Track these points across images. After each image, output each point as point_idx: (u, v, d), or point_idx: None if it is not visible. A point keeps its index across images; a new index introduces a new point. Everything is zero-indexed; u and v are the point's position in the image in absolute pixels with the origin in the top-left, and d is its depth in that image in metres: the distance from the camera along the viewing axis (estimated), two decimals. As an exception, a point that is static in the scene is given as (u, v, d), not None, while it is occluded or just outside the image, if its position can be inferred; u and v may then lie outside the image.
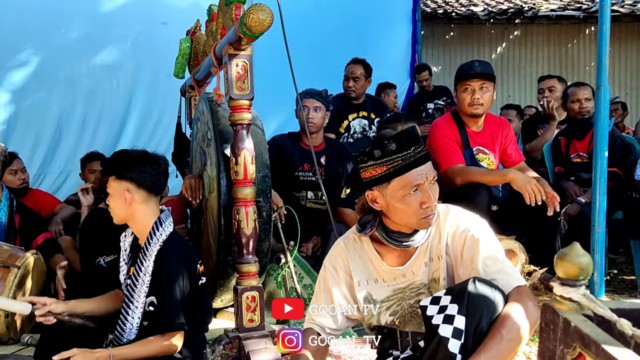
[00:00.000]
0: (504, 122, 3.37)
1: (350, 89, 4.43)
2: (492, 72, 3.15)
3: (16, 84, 4.63)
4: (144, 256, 2.07)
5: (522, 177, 2.89)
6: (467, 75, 3.12)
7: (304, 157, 3.50)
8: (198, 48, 3.17)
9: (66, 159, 4.70)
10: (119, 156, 2.18)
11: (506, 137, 3.30)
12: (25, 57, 4.65)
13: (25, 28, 4.57)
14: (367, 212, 1.69)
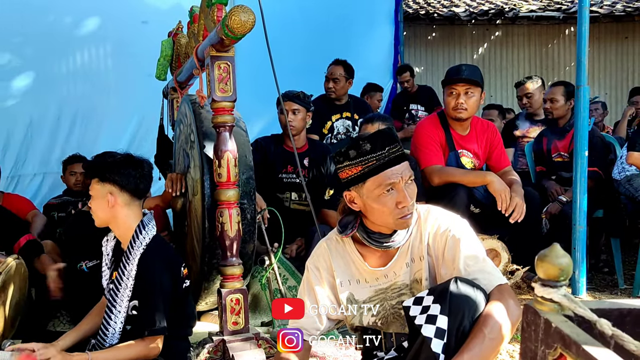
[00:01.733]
0: (491, 127, 3.39)
1: (330, 90, 4.44)
2: (479, 77, 3.17)
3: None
4: (127, 260, 2.05)
5: (499, 182, 2.93)
6: (452, 80, 3.14)
7: (287, 159, 3.50)
8: (180, 49, 3.15)
9: (40, 161, 4.61)
10: (102, 158, 2.15)
11: (492, 141, 3.32)
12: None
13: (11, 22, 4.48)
14: (347, 213, 1.70)
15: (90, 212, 2.13)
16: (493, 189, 2.92)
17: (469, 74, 3.11)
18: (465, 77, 3.09)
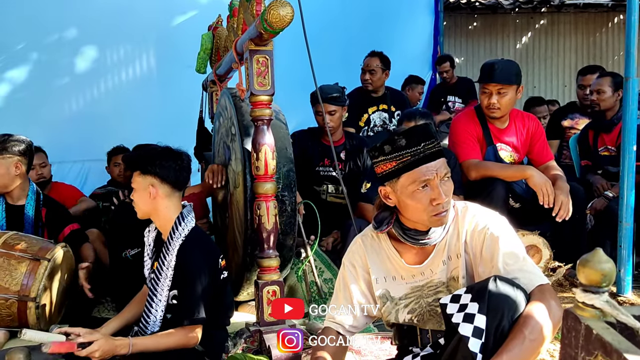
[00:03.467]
0: (532, 119, 3.30)
1: (366, 81, 4.41)
2: (514, 74, 3.07)
3: (36, 73, 4.69)
4: (167, 250, 2.11)
5: (539, 175, 2.85)
6: (484, 80, 3.08)
7: (324, 153, 3.51)
8: (219, 43, 3.19)
9: (87, 152, 4.76)
10: (142, 151, 2.20)
11: (534, 134, 3.23)
12: (46, 45, 4.71)
13: (47, 17, 4.62)
14: (383, 208, 1.69)
15: (133, 204, 2.18)
16: (533, 183, 2.85)
17: (500, 75, 3.02)
18: (497, 79, 3.02)
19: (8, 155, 2.86)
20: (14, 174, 2.89)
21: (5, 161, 2.86)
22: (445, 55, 6.15)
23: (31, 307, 2.48)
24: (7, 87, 4.62)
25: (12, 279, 2.48)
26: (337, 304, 1.76)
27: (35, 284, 2.49)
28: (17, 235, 2.68)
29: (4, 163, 2.86)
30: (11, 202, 2.97)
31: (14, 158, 2.88)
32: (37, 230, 2.97)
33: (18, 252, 2.54)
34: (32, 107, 4.64)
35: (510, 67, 3.12)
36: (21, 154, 2.90)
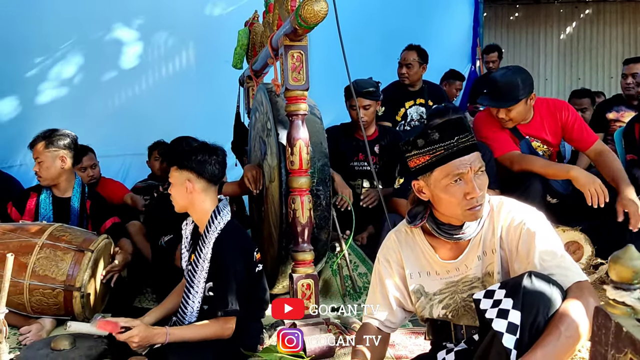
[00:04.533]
0: (559, 105, 3.14)
1: (403, 75, 4.37)
2: (515, 93, 2.92)
3: (82, 69, 4.83)
4: (203, 243, 2.16)
5: (585, 176, 2.73)
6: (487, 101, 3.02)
7: (358, 148, 3.52)
8: (255, 39, 3.23)
9: (129, 146, 4.89)
10: (179, 146, 2.25)
11: (565, 120, 3.09)
12: (92, 42, 4.85)
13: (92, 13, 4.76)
14: (417, 203, 1.68)
15: (171, 197, 2.24)
16: (580, 185, 2.72)
17: (500, 99, 2.94)
18: (497, 105, 2.95)
19: (54, 149, 2.99)
20: (59, 167, 3.01)
21: (52, 154, 2.98)
22: (492, 45, 6.03)
23: (76, 296, 2.58)
24: (55, 83, 4.78)
25: (58, 269, 2.59)
26: (374, 300, 1.77)
27: (80, 274, 2.59)
28: (62, 227, 2.78)
29: (50, 156, 2.98)
30: (58, 195, 3.09)
31: (59, 151, 3.00)
32: (82, 222, 3.08)
33: (63, 244, 2.65)
34: (77, 102, 4.79)
35: (511, 85, 2.94)
36: (66, 147, 3.02)
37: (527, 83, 2.97)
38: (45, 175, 3.00)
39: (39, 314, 2.61)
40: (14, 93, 4.68)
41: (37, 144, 3.00)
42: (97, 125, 4.63)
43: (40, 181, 3.04)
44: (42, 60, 4.71)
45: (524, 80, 2.97)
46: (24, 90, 4.71)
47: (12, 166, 4.67)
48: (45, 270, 2.57)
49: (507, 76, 3.00)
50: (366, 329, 1.74)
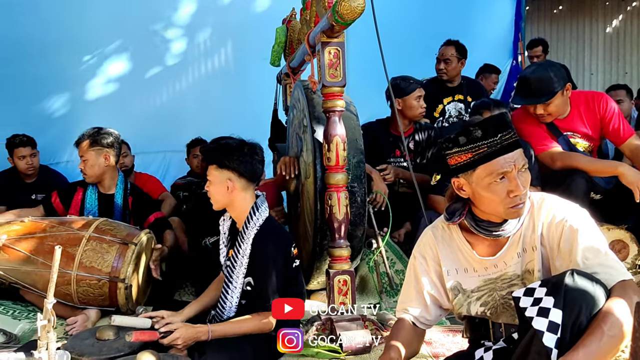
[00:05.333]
0: (597, 97, 3.06)
1: (441, 71, 4.31)
2: (551, 87, 2.88)
3: (127, 66, 4.97)
4: (242, 239, 2.19)
5: (633, 173, 2.65)
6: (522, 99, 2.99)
7: (395, 144, 3.50)
8: (293, 36, 3.25)
9: (168, 143, 4.99)
10: (218, 145, 2.26)
11: (603, 112, 2.99)
12: (129, 41, 4.98)
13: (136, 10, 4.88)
14: (455, 200, 1.66)
15: (209, 195, 2.26)
16: (627, 182, 2.65)
17: (536, 95, 2.89)
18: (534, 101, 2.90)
19: (98, 148, 3.09)
20: (104, 165, 3.11)
21: (97, 153, 3.09)
22: (537, 39, 5.89)
23: (121, 287, 2.66)
24: (102, 80, 4.93)
25: (103, 261, 2.68)
26: (409, 296, 1.76)
27: (124, 267, 2.67)
28: (107, 221, 2.88)
29: (95, 154, 3.09)
30: (103, 191, 3.20)
31: (103, 150, 3.10)
32: (125, 217, 3.18)
33: (109, 237, 2.73)
34: (123, 99, 4.94)
35: (544, 79, 2.90)
36: (110, 145, 3.13)
37: (559, 75, 2.92)
38: (90, 172, 3.11)
39: (85, 304, 2.71)
40: (63, 91, 4.87)
41: (82, 142, 3.11)
42: (139, 121, 4.75)
43: (85, 178, 3.15)
44: (90, 59, 4.87)
45: (556, 72, 2.92)
46: (73, 87, 4.89)
47: (59, 162, 4.85)
48: (92, 261, 2.66)
49: (538, 72, 2.96)
50: (401, 324, 1.74)
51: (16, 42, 4.55)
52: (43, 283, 2.66)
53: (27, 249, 2.69)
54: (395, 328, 1.74)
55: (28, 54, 4.60)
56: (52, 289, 1.75)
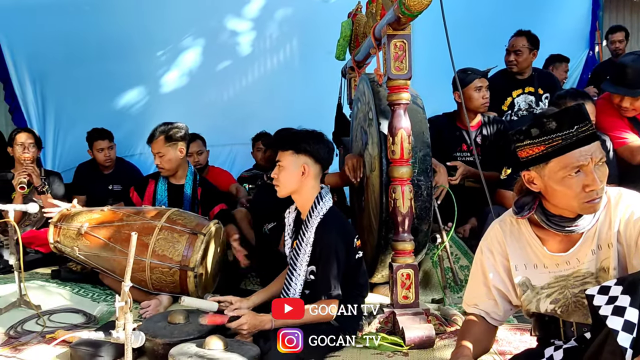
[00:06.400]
0: None
1: (511, 63, 4.17)
2: None
3: (199, 60, 5.12)
4: (306, 228, 2.23)
5: None
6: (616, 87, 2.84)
7: (461, 138, 3.43)
8: (358, 30, 3.25)
9: (235, 136, 5.10)
10: (296, 132, 2.33)
11: None
12: (201, 35, 5.11)
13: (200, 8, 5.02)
14: (525, 193, 1.61)
15: (275, 182, 2.30)
16: None
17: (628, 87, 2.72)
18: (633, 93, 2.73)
19: (173, 142, 3.24)
20: (179, 158, 3.27)
21: (172, 148, 3.24)
22: (618, 26, 5.61)
23: (190, 275, 2.77)
24: (175, 74, 5.13)
25: (174, 250, 2.80)
26: (477, 291, 1.73)
27: (193, 255, 2.78)
28: (178, 211, 3.00)
29: (171, 149, 3.24)
30: (173, 182, 3.34)
31: (177, 144, 3.25)
32: (194, 208, 3.31)
33: (179, 227, 2.85)
34: (194, 92, 5.11)
35: None
36: (183, 138, 3.28)
37: None
38: (168, 166, 3.26)
39: (158, 290, 2.84)
40: (139, 86, 5.10)
41: (156, 139, 3.25)
42: (209, 114, 4.91)
43: (162, 172, 3.31)
44: (163, 54, 5.07)
45: None
46: (147, 82, 5.11)
47: (133, 155, 5.10)
48: (164, 250, 2.79)
49: (638, 63, 2.80)
50: (472, 320, 1.72)
51: (98, 42, 4.81)
52: (120, 269, 2.82)
53: (105, 236, 2.86)
54: (467, 324, 1.72)
55: (108, 52, 4.84)
56: (128, 272, 1.85)
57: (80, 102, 4.97)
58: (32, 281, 3.05)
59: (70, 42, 4.80)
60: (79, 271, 3.20)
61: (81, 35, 4.80)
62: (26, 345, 2.30)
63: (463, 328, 1.72)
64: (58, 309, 2.72)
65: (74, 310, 2.71)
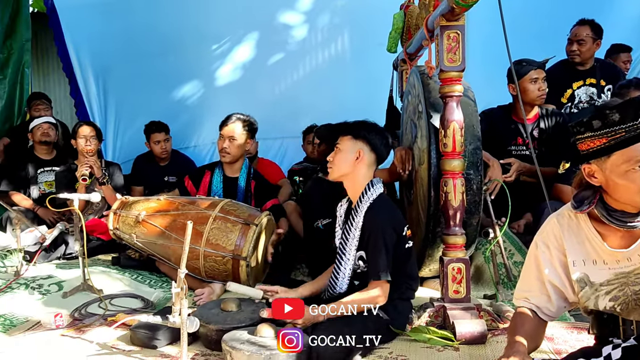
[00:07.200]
0: None
1: (573, 53, 4.00)
2: None
3: (247, 55, 5.21)
4: (356, 213, 2.26)
5: None
6: None
7: (517, 131, 3.34)
8: (411, 22, 3.21)
9: (286, 129, 5.17)
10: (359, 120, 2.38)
11: None
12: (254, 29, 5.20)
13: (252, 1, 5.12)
14: (584, 187, 1.56)
15: (329, 164, 2.35)
16: None
17: None
18: None
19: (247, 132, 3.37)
20: (244, 149, 3.41)
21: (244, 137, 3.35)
22: None
23: (242, 265, 2.84)
24: (230, 67, 5.23)
25: (228, 239, 2.87)
26: (529, 285, 1.69)
27: (246, 245, 2.85)
28: (231, 202, 3.08)
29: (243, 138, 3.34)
30: (228, 174, 3.43)
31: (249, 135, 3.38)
32: (247, 200, 3.37)
33: (232, 217, 2.92)
34: (247, 86, 5.19)
35: None
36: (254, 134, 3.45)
37: None
38: (234, 153, 3.35)
39: (211, 278, 2.93)
40: (194, 79, 5.24)
41: (233, 122, 3.35)
42: (261, 107, 4.95)
43: (224, 158, 3.37)
44: (217, 48, 5.18)
45: None
46: (203, 76, 5.24)
47: (187, 147, 5.25)
48: (217, 239, 2.87)
49: None
50: (522, 314, 1.68)
51: (156, 38, 4.98)
52: (175, 256, 2.92)
53: (162, 225, 2.96)
54: (517, 318, 1.68)
55: (166, 48, 5.00)
56: (184, 259, 1.92)
57: (139, 96, 5.16)
58: (94, 267, 3.21)
59: (130, 39, 4.99)
60: (137, 258, 3.35)
61: (140, 32, 4.98)
62: (89, 326, 2.42)
63: (514, 322, 1.69)
64: (119, 293, 2.85)
65: (133, 296, 2.83)
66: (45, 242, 3.28)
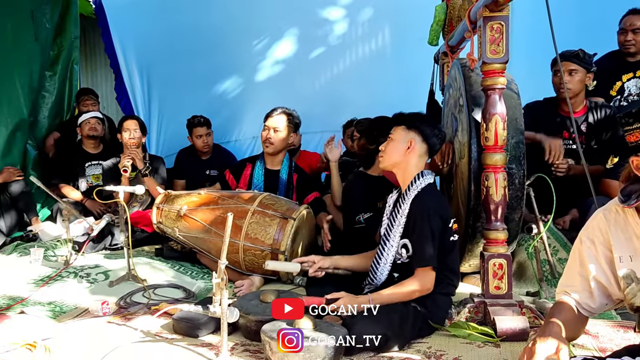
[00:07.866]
0: None
1: (628, 42, 3.83)
2: None
3: (288, 50, 5.24)
4: (403, 200, 2.27)
5: None
6: None
7: (563, 125, 3.24)
8: (453, 14, 3.16)
9: (325, 123, 5.13)
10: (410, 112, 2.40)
11: None
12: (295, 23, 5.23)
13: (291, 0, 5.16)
14: (633, 181, 1.51)
15: (381, 153, 2.37)
16: None
17: None
18: None
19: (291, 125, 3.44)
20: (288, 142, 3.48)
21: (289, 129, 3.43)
22: None
23: (281, 258, 2.87)
24: (270, 62, 5.28)
25: (266, 233, 2.91)
26: (572, 280, 1.65)
27: (284, 239, 2.87)
28: (270, 196, 3.11)
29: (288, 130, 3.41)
30: (270, 167, 3.46)
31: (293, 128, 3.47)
32: (288, 193, 3.40)
33: (271, 211, 2.95)
34: (288, 80, 5.23)
35: None
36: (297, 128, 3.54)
37: None
38: (277, 144, 3.41)
39: (250, 271, 2.97)
40: (236, 75, 5.32)
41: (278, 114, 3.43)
42: (301, 101, 4.98)
43: (267, 149, 3.42)
44: (258, 43, 5.23)
45: None
46: (244, 71, 5.30)
47: (228, 142, 5.34)
48: (256, 233, 2.90)
49: None
50: (561, 305, 1.63)
51: (198, 34, 5.09)
52: (216, 250, 2.97)
53: (202, 219, 3.02)
54: (556, 308, 1.63)
55: (207, 44, 5.09)
56: (224, 251, 1.95)
57: (181, 91, 5.28)
58: (139, 257, 3.30)
59: (173, 36, 5.11)
60: (179, 250, 3.43)
61: (183, 29, 5.09)
62: (134, 315, 2.50)
63: (552, 310, 1.63)
64: (162, 284, 2.93)
65: (175, 286, 2.90)
66: (92, 233, 3.40)
